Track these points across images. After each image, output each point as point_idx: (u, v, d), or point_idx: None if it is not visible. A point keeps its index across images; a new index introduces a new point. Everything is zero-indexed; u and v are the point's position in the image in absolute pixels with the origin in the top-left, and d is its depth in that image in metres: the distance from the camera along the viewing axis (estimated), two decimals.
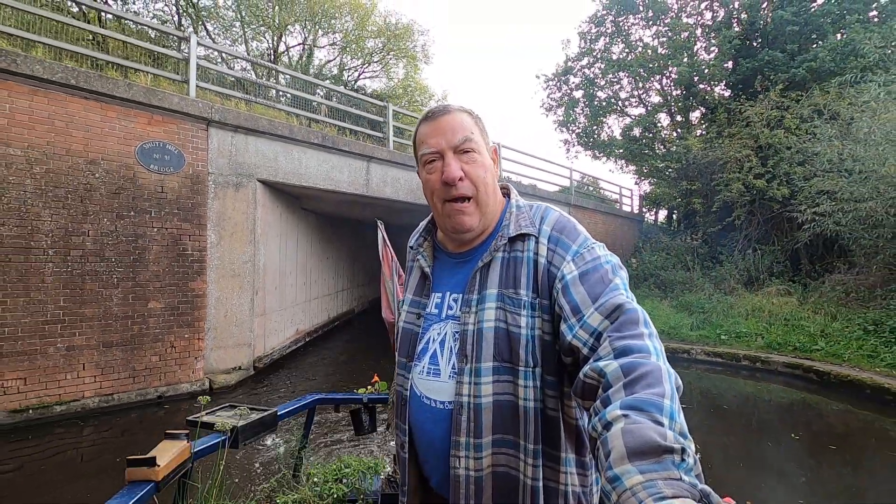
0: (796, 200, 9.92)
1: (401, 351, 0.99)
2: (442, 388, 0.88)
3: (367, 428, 2.46)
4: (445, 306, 0.94)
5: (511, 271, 0.87)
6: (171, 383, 5.40)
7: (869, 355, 6.93)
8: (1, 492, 3.48)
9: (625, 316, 0.70)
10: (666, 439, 0.49)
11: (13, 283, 4.47)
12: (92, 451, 4.21)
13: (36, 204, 4.61)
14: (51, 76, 4.68)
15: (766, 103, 11.61)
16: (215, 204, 5.91)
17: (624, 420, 0.52)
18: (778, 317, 9.05)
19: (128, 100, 5.16)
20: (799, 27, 12.43)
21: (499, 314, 0.85)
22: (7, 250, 4.45)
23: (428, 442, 0.90)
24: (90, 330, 4.88)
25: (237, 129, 6.12)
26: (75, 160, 4.85)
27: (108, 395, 4.95)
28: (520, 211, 0.93)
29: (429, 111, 0.93)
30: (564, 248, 0.84)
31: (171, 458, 1.50)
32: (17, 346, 4.48)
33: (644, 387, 0.56)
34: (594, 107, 18.24)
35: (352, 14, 18.53)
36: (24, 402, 4.50)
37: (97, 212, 4.96)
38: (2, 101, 4.46)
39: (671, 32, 14.98)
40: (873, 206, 7.89)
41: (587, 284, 0.78)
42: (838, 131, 8.90)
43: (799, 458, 4.41)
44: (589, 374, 0.65)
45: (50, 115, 4.71)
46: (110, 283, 5.03)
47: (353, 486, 2.38)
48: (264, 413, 2.07)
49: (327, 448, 4.20)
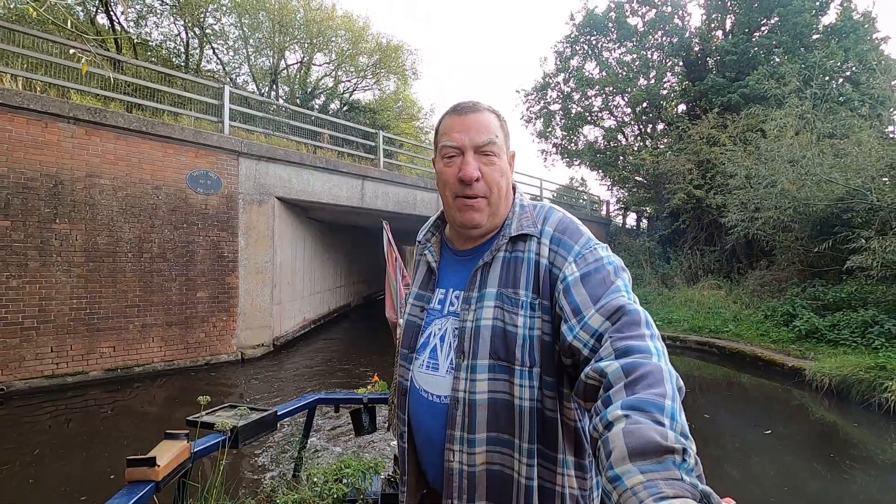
0: (726, 209, 11.76)
1: (403, 342, 1.01)
2: (439, 383, 0.89)
3: (367, 428, 2.47)
4: (448, 302, 0.95)
5: (511, 271, 0.87)
6: (214, 354, 7.10)
7: (761, 334, 8.75)
8: (106, 425, 5.16)
9: (626, 317, 0.70)
10: (667, 440, 0.49)
11: (105, 278, 6.16)
12: (161, 398, 5.91)
13: (119, 220, 6.30)
14: (128, 125, 6.36)
15: (706, 123, 13.47)
16: (244, 217, 7.61)
17: (625, 420, 0.52)
18: (704, 306, 10.90)
19: (181, 140, 6.86)
20: (737, 56, 14.32)
21: (497, 313, 0.85)
22: (101, 254, 6.14)
23: (425, 434, 0.92)
24: (157, 312, 6.58)
25: (260, 158, 7.82)
26: (145, 187, 6.54)
27: (170, 361, 6.65)
28: (523, 211, 0.93)
29: (458, 105, 0.92)
30: (566, 249, 0.84)
31: (171, 458, 1.50)
32: (109, 324, 6.17)
33: (645, 387, 0.56)
34: (570, 118, 20.07)
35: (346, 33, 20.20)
36: (114, 364, 6.20)
37: (160, 225, 6.65)
38: (95, 145, 6.14)
39: (630, 57, 16.87)
40: (774, 214, 9.73)
41: (589, 286, 0.78)
42: (749, 151, 10.75)
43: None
44: (590, 374, 0.65)
45: (127, 154, 6.40)
46: (170, 278, 6.72)
47: (353, 485, 2.38)
48: (264, 413, 2.07)
49: (327, 448, 4.34)
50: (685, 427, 0.53)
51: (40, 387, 5.63)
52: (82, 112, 5.96)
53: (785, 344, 8.07)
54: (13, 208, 5.51)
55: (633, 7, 17.66)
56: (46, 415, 5.08)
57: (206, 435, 1.89)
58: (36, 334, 5.64)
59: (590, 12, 18.69)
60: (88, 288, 6.02)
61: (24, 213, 5.59)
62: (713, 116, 13.28)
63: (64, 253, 5.86)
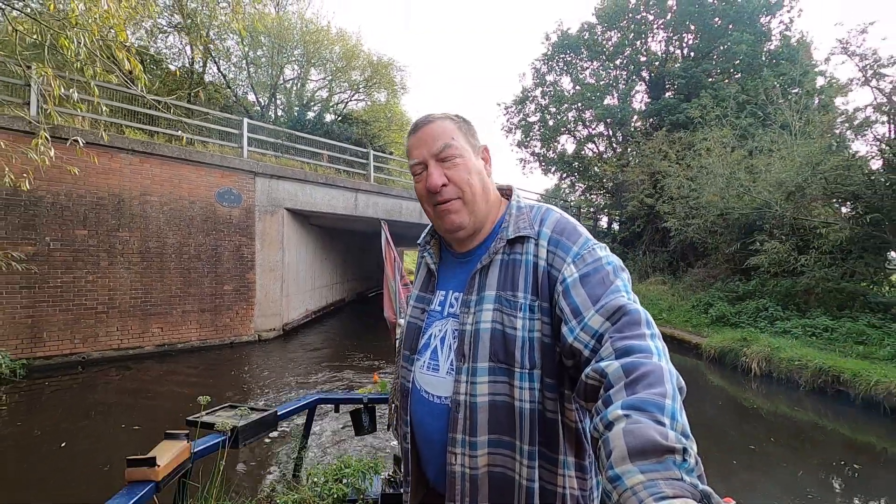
0: (670, 216, 13.68)
1: (405, 344, 1.02)
2: (439, 384, 0.91)
3: (367, 428, 2.48)
4: (448, 304, 0.96)
5: (509, 274, 0.88)
6: (237, 335, 8.85)
7: (685, 320, 10.65)
8: (159, 390, 6.87)
9: (626, 317, 0.70)
10: (667, 439, 0.49)
11: (155, 274, 7.88)
12: (198, 367, 7.64)
13: (165, 228, 8.02)
14: (171, 154, 8.08)
15: (657, 139, 15.39)
16: (259, 225, 9.35)
17: (625, 420, 0.52)
18: (648, 298, 12.79)
19: (209, 164, 8.58)
20: (686, 80, 16.27)
21: (496, 316, 0.86)
22: (152, 255, 7.86)
23: (426, 435, 0.93)
24: (193, 301, 8.31)
25: (272, 176, 9.56)
26: (183, 202, 8.26)
27: (203, 340, 8.39)
28: (520, 212, 0.94)
29: (414, 123, 0.95)
30: (565, 250, 0.84)
31: (170, 459, 1.51)
32: (158, 310, 7.89)
33: (645, 387, 0.56)
34: (548, 128, 21.96)
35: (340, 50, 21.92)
36: (162, 341, 7.93)
37: (195, 232, 8.38)
38: (146, 170, 7.85)
39: (597, 76, 18.81)
40: (699, 222, 11.65)
41: (588, 286, 0.78)
42: (683, 167, 12.68)
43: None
44: (590, 374, 0.65)
45: (170, 176, 8.12)
46: (203, 274, 8.45)
47: (353, 486, 2.40)
48: (264, 413, 2.08)
49: (327, 448, 4.41)
50: (686, 427, 0.53)
51: (109, 357, 7.36)
52: (138, 145, 7.68)
53: (700, 327, 9.98)
54: (89, 220, 7.22)
55: (601, 30, 19.61)
56: (117, 377, 6.81)
57: (206, 435, 1.90)
58: (106, 317, 7.36)
59: (563, 33, 20.61)
60: (143, 282, 7.75)
61: (96, 224, 7.30)
62: (662, 134, 15.21)
63: (125, 254, 7.58)
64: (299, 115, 22.14)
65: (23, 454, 4.27)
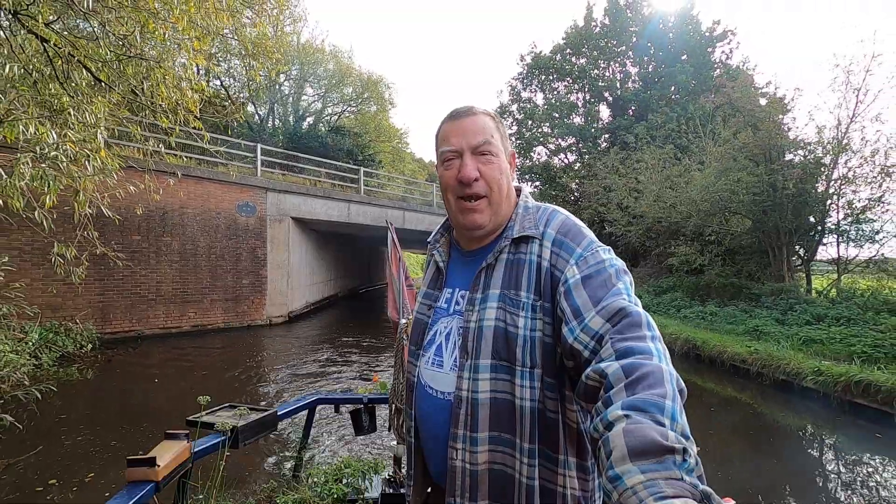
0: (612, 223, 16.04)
1: (412, 339, 1.04)
2: (443, 379, 0.92)
3: (367, 428, 2.50)
4: (454, 301, 0.97)
5: (513, 273, 0.89)
6: (253, 320, 11.01)
7: None
8: (198, 362, 8.99)
9: (627, 319, 0.70)
10: (667, 439, 0.49)
11: (190, 270, 10.01)
12: (223, 345, 9.79)
13: (198, 234, 10.14)
14: (202, 174, 10.21)
15: (611, 156, 17.75)
16: (270, 231, 11.49)
17: (625, 420, 0.52)
18: None
19: (232, 182, 10.71)
20: (636, 105, 18.68)
21: (499, 314, 0.86)
22: (188, 255, 9.98)
23: (429, 429, 0.94)
24: (219, 292, 10.45)
25: (280, 191, 11.71)
26: (211, 213, 10.39)
27: (227, 322, 10.54)
28: (526, 212, 0.94)
29: (454, 111, 0.95)
30: (568, 251, 0.85)
31: (171, 459, 1.51)
32: (192, 298, 10.03)
33: (645, 387, 0.56)
34: (523, 140, 24.24)
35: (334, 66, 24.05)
36: (195, 323, 10.07)
37: (221, 237, 10.51)
38: (184, 188, 9.96)
39: (563, 97, 21.18)
40: (634, 229, 14.03)
41: (590, 288, 0.78)
42: (628, 181, 15.08)
43: None
44: (591, 375, 0.65)
45: (202, 193, 10.24)
46: (226, 270, 10.58)
47: (353, 486, 2.41)
48: (264, 413, 2.10)
49: (327, 448, 4.46)
50: (686, 427, 0.53)
51: (157, 334, 9.49)
52: (179, 169, 9.79)
53: None
54: (142, 228, 9.33)
55: (569, 53, 21.96)
56: (167, 349, 8.93)
57: (206, 435, 1.91)
58: (155, 303, 9.48)
59: (537, 55, 22.93)
60: (181, 276, 9.88)
61: (147, 231, 9.41)
62: (615, 151, 17.58)
63: (168, 255, 9.70)
64: (295, 125, 24.24)
65: (131, 392, 6.45)
